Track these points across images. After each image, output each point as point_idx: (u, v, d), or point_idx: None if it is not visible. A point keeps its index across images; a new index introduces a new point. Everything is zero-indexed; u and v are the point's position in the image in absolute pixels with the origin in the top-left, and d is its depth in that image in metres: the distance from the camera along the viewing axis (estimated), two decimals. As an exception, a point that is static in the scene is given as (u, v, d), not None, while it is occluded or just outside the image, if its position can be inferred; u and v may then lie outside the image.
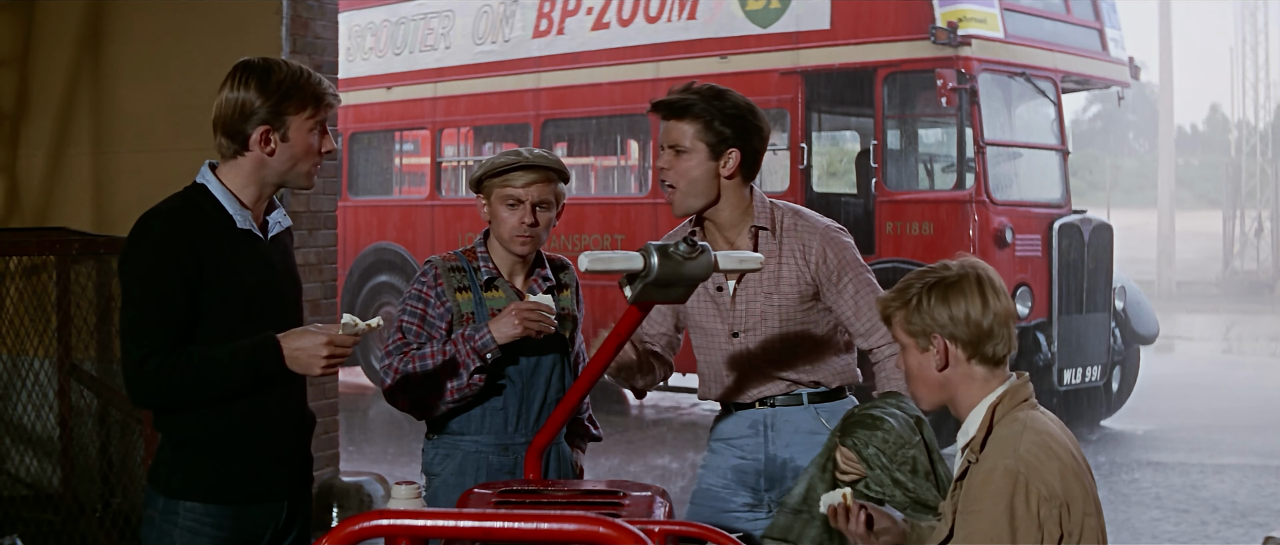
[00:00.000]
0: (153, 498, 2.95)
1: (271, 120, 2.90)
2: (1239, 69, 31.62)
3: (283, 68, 2.92)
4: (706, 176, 3.38)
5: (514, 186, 3.45)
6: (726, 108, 3.38)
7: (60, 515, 5.91)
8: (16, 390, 6.27)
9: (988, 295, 2.66)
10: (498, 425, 3.50)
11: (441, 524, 2.07)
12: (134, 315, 2.83)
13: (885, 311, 2.76)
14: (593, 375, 3.07)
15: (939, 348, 2.67)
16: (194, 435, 2.92)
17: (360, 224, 13.13)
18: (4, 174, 6.82)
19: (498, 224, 3.50)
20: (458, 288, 3.51)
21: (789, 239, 3.46)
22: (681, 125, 3.38)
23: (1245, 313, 25.18)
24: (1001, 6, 10.15)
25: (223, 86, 2.93)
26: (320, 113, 2.96)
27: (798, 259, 3.44)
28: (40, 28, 6.75)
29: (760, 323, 3.45)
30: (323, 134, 2.99)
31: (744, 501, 3.53)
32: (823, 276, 3.45)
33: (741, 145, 3.38)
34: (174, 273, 2.82)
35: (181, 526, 2.90)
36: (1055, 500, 2.55)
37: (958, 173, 10.11)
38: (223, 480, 2.93)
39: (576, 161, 13.38)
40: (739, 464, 3.53)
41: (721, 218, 3.45)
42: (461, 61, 12.77)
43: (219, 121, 2.92)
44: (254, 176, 2.95)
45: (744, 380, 3.51)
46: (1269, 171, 30.20)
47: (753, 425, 3.51)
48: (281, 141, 2.92)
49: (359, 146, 13.66)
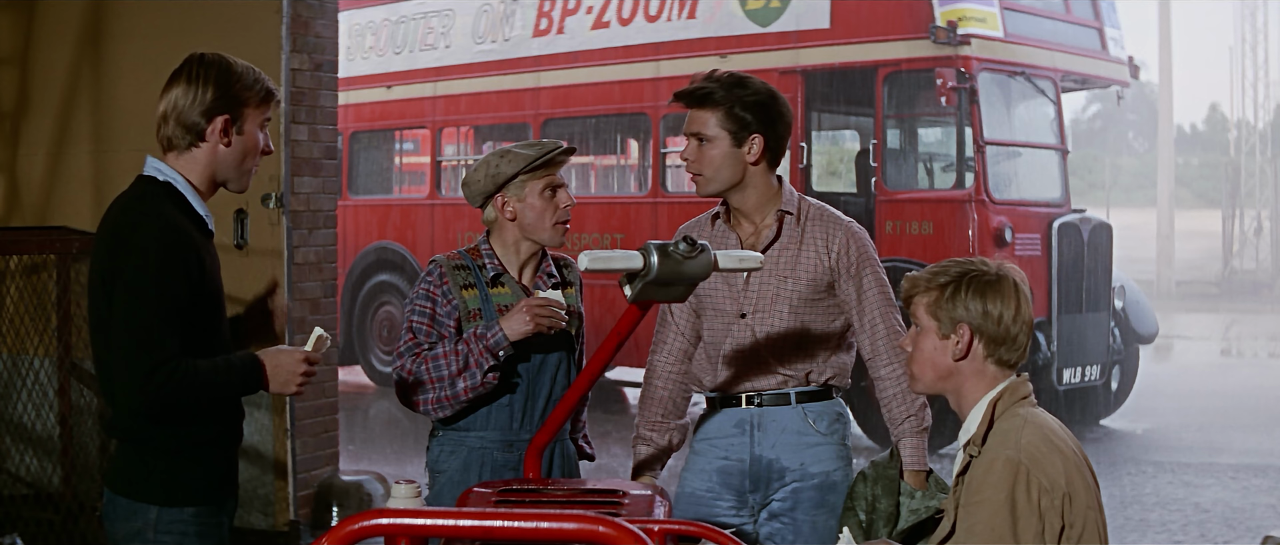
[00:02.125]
0: (139, 510, 2.87)
1: (231, 110, 2.91)
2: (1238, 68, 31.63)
3: (238, 63, 2.95)
4: (731, 162, 3.39)
5: (556, 169, 3.52)
6: (747, 95, 3.38)
7: (60, 514, 5.91)
8: (16, 389, 6.27)
9: (1021, 302, 2.71)
10: (503, 422, 3.52)
11: (441, 523, 2.06)
12: (140, 323, 2.75)
13: (911, 290, 2.78)
14: (592, 375, 3.08)
15: (963, 338, 2.69)
16: (188, 442, 2.89)
17: (360, 223, 13.13)
18: (4, 173, 6.82)
19: (537, 215, 3.50)
20: (463, 285, 3.52)
21: (813, 226, 3.46)
22: (703, 113, 3.39)
23: (1244, 312, 25.17)
24: (1001, 6, 10.15)
25: (176, 79, 2.93)
26: (270, 109, 2.99)
27: (819, 247, 3.44)
28: (41, 26, 6.75)
29: (770, 306, 3.43)
30: (267, 135, 3.01)
31: (728, 504, 3.49)
32: (842, 267, 3.44)
33: (765, 131, 3.39)
34: (181, 282, 2.79)
35: (180, 533, 2.88)
36: (1057, 492, 2.57)
37: (957, 172, 10.11)
38: (212, 481, 2.94)
39: (576, 161, 13.37)
40: (723, 465, 3.50)
41: (748, 203, 3.45)
42: (461, 60, 12.76)
43: (173, 113, 2.91)
44: (207, 171, 2.94)
45: (741, 369, 3.48)
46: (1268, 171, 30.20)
47: (738, 425, 3.48)
48: (237, 135, 2.93)
49: (359, 146, 13.66)
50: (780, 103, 3.44)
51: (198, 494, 2.91)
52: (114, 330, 2.79)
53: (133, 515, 2.88)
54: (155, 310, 2.76)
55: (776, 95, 3.45)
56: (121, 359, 2.76)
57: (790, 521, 3.46)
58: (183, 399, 2.78)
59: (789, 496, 3.46)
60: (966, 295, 2.69)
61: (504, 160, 3.50)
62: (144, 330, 2.75)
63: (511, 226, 3.53)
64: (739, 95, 3.38)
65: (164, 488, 2.88)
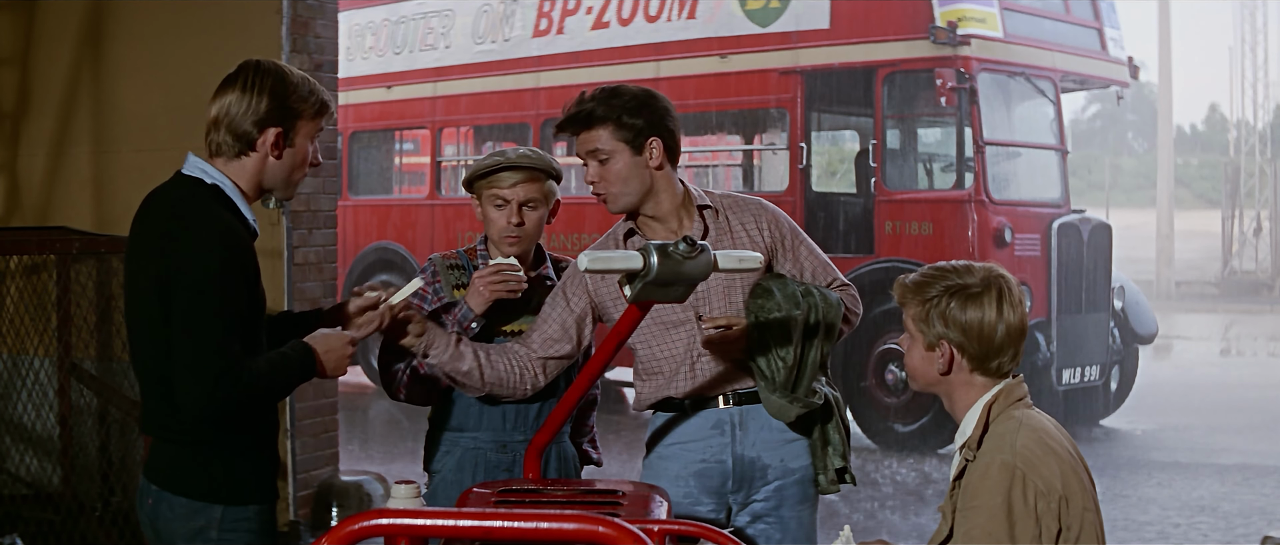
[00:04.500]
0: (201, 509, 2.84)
1: (284, 123, 2.87)
2: (1238, 69, 31.59)
3: (294, 73, 2.90)
4: (636, 172, 3.32)
5: (500, 187, 3.48)
6: (628, 102, 3.33)
7: (60, 514, 5.91)
8: (16, 389, 6.27)
9: (1005, 310, 2.65)
10: (496, 422, 3.52)
11: (441, 523, 2.07)
12: (206, 328, 2.71)
13: (901, 297, 2.75)
14: (592, 375, 3.08)
15: (945, 354, 2.68)
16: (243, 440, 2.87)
17: (360, 223, 13.13)
18: (4, 173, 6.83)
19: (488, 224, 3.53)
20: (455, 285, 3.55)
21: (733, 215, 3.42)
22: (593, 133, 3.33)
23: (1244, 312, 25.17)
24: (1001, 6, 10.15)
25: (231, 84, 2.86)
26: (323, 122, 2.95)
27: (750, 232, 3.40)
28: (41, 27, 6.75)
29: (725, 300, 3.36)
30: (316, 147, 2.99)
31: (708, 508, 3.39)
32: (777, 244, 3.42)
33: (659, 131, 3.33)
34: (241, 285, 2.78)
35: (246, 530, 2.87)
36: (1053, 495, 2.56)
37: (957, 172, 10.12)
38: (268, 477, 2.95)
39: (576, 161, 13.34)
40: (702, 468, 3.39)
41: (662, 209, 3.38)
42: (461, 61, 12.77)
43: (225, 120, 2.85)
44: (254, 179, 2.90)
45: (713, 372, 3.39)
46: (1268, 171, 30.16)
47: (717, 425, 3.40)
48: (288, 147, 2.90)
49: (359, 146, 13.66)
50: (661, 100, 3.38)
51: (259, 491, 2.91)
52: (175, 335, 2.73)
53: (193, 515, 2.84)
54: (220, 315, 2.72)
55: (655, 94, 3.39)
56: (186, 363, 2.71)
57: (776, 519, 3.42)
58: (250, 400, 2.78)
59: (772, 495, 3.41)
60: (948, 310, 2.66)
61: (472, 167, 3.54)
62: (209, 335, 2.71)
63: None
64: (620, 104, 3.32)
65: (228, 487, 2.85)
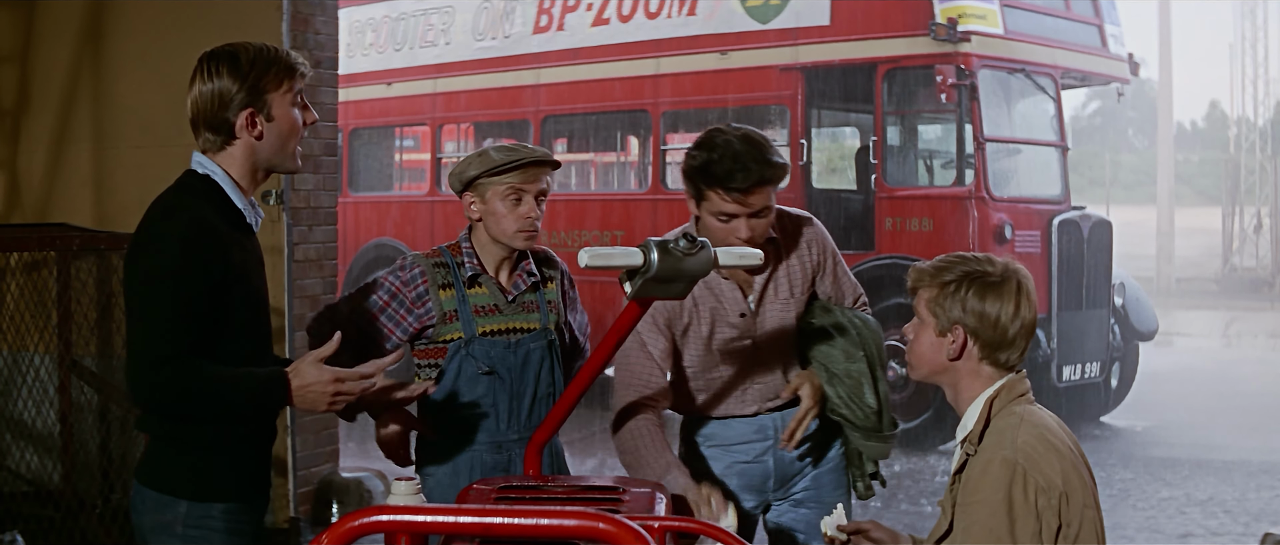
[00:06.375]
0: (167, 503, 2.85)
1: (253, 101, 2.84)
2: (1238, 65, 31.56)
3: (248, 48, 2.87)
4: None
5: (522, 181, 3.42)
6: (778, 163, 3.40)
7: (60, 511, 5.91)
8: (17, 386, 6.27)
9: (1022, 305, 2.66)
10: (490, 424, 3.48)
11: (441, 520, 2.06)
12: (156, 314, 2.72)
13: (915, 282, 2.75)
14: (592, 372, 3.07)
15: (958, 339, 2.68)
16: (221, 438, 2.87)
17: (360, 220, 13.12)
18: (5, 170, 6.83)
19: (497, 220, 3.43)
20: (441, 285, 3.46)
21: (788, 238, 3.49)
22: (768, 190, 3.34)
23: (1244, 309, 25.14)
24: (1001, 3, 10.14)
25: (192, 82, 2.87)
26: (296, 83, 2.90)
27: (802, 256, 3.48)
28: (41, 23, 6.75)
29: (779, 326, 3.45)
30: (304, 107, 2.94)
31: (751, 505, 3.50)
32: (819, 267, 3.50)
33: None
34: (200, 277, 2.75)
35: (209, 529, 2.86)
36: (1053, 491, 2.56)
37: (957, 169, 10.11)
38: (243, 478, 2.93)
39: (576, 157, 13.37)
40: (745, 467, 3.50)
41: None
42: (462, 57, 12.76)
43: (199, 116, 2.86)
44: (247, 164, 2.89)
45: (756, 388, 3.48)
46: (1268, 168, 30.15)
47: (759, 430, 3.49)
48: (267, 122, 2.87)
49: (359, 142, 13.66)
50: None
51: (228, 491, 2.88)
52: (128, 321, 2.77)
53: (161, 508, 2.85)
54: (169, 305, 2.71)
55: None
56: (135, 349, 2.72)
57: (817, 505, 3.52)
58: (186, 398, 2.75)
59: (810, 484, 3.54)
60: (966, 296, 2.66)
61: (478, 160, 3.45)
62: (158, 320, 2.71)
63: (480, 226, 3.50)
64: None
65: (193, 482, 2.84)
